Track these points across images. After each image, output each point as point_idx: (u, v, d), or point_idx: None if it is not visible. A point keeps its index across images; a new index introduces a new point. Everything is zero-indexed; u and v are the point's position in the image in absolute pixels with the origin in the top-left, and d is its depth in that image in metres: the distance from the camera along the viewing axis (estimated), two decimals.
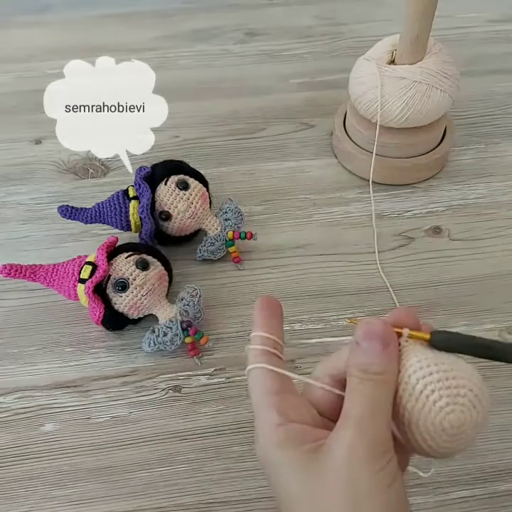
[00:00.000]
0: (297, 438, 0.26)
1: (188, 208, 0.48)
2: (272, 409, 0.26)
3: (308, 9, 0.77)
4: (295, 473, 0.25)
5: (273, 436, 0.26)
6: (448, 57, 0.51)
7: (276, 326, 0.29)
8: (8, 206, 0.56)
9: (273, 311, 0.29)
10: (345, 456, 0.24)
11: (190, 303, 0.44)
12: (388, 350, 0.26)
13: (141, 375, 0.44)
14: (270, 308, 0.29)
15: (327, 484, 0.24)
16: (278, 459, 0.26)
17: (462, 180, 0.56)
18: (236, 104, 0.64)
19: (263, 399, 0.27)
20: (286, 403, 0.27)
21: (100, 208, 0.49)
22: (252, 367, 0.28)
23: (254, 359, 0.28)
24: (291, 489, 0.25)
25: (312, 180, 0.57)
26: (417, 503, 0.38)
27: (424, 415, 0.24)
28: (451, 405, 0.24)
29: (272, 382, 0.27)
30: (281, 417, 0.26)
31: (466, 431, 0.24)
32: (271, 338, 0.28)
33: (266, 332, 0.28)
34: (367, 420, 0.25)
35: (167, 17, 0.76)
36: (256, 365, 0.27)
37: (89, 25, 0.75)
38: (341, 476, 0.24)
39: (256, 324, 0.29)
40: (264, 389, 0.27)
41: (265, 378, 0.27)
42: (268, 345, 0.28)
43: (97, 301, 0.43)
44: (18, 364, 0.45)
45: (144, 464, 0.40)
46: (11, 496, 0.39)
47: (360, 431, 0.24)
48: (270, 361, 0.27)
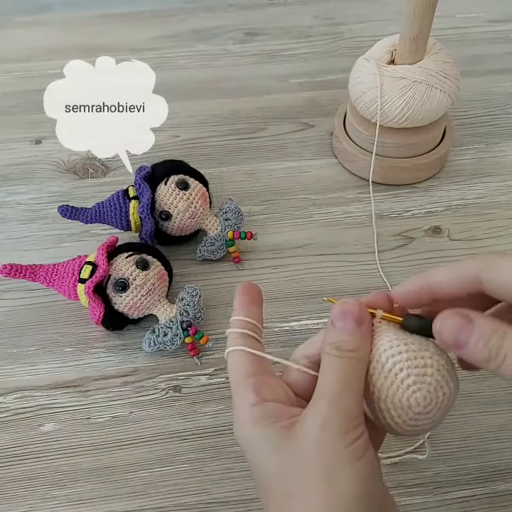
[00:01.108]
0: (272, 416, 0.26)
1: (188, 208, 0.48)
2: (248, 389, 0.27)
3: (308, 9, 0.77)
4: (270, 450, 0.26)
5: (248, 415, 0.26)
6: (448, 57, 0.51)
7: (255, 310, 0.30)
8: (8, 206, 0.56)
9: (253, 296, 0.30)
10: (318, 431, 0.25)
11: (190, 303, 0.44)
12: (362, 329, 0.27)
13: (141, 375, 0.44)
14: (250, 293, 0.30)
15: (301, 459, 0.25)
16: (254, 438, 0.26)
17: (462, 180, 0.56)
18: (236, 104, 0.64)
19: (240, 380, 0.28)
20: (262, 384, 0.27)
21: (100, 207, 0.49)
22: (230, 349, 0.28)
23: (233, 342, 0.29)
24: (267, 466, 0.26)
25: (312, 180, 0.57)
26: (417, 503, 0.38)
27: (392, 392, 0.25)
28: (418, 384, 0.25)
29: (250, 364, 0.28)
30: (256, 396, 0.27)
31: (432, 411, 0.25)
32: (250, 321, 0.29)
33: (245, 316, 0.29)
34: (339, 396, 0.25)
35: (167, 17, 0.76)
36: (234, 348, 0.28)
37: (89, 25, 0.75)
38: (314, 449, 0.25)
39: (236, 309, 0.29)
40: (241, 370, 0.28)
41: (243, 360, 0.28)
42: (247, 328, 0.29)
43: (97, 301, 0.43)
44: (17, 364, 0.45)
45: (144, 464, 0.40)
46: (10, 496, 0.39)
47: (333, 407, 0.25)
48: (249, 344, 0.28)
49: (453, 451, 0.40)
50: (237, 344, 0.28)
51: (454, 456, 0.40)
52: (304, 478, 0.25)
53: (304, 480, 0.25)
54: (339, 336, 0.27)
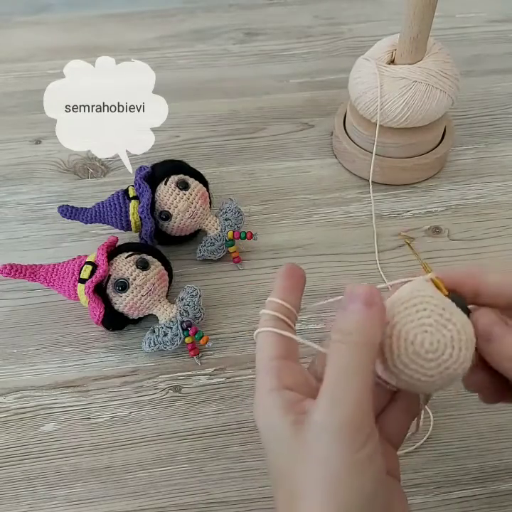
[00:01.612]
0: (286, 406, 0.25)
1: (188, 208, 0.48)
2: (269, 372, 0.26)
3: (308, 9, 0.77)
4: (280, 443, 0.25)
5: (265, 399, 0.25)
6: (448, 57, 0.51)
7: (293, 295, 0.28)
8: (8, 206, 0.56)
9: (295, 280, 0.28)
10: (318, 434, 0.23)
11: (190, 303, 0.44)
12: (371, 311, 0.25)
13: (141, 375, 0.44)
14: (292, 277, 0.28)
15: (304, 461, 0.24)
16: (267, 424, 0.25)
17: (462, 180, 0.56)
18: (236, 104, 0.64)
19: (264, 362, 0.26)
20: (284, 369, 0.26)
21: (100, 207, 0.49)
22: (259, 330, 0.27)
23: (263, 323, 0.27)
24: (277, 459, 0.25)
25: (312, 180, 0.57)
26: (417, 503, 0.38)
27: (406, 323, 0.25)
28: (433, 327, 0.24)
29: (276, 347, 0.26)
30: (277, 381, 0.25)
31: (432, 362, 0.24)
32: (285, 305, 0.27)
33: (281, 299, 0.27)
34: (339, 390, 0.23)
35: (167, 17, 0.76)
36: (263, 329, 0.27)
37: (89, 25, 0.75)
38: (315, 453, 0.23)
39: (274, 290, 0.28)
40: (267, 352, 0.27)
41: (270, 342, 0.27)
42: (281, 311, 0.27)
43: (97, 301, 0.43)
44: (17, 364, 0.45)
45: (144, 464, 0.40)
46: (10, 496, 0.39)
47: (333, 404, 0.23)
48: (279, 327, 0.27)
49: (453, 451, 0.40)
50: (267, 325, 0.27)
51: (454, 456, 0.40)
52: (305, 483, 0.24)
53: (305, 485, 0.24)
54: (345, 319, 0.25)
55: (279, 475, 0.25)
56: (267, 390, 0.25)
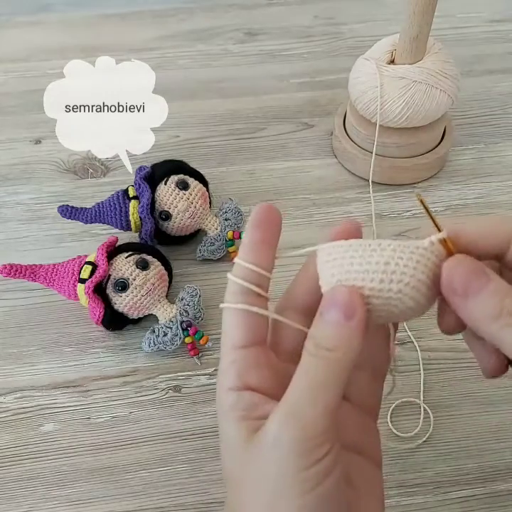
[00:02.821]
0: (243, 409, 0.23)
1: (188, 208, 0.48)
2: (230, 367, 0.23)
3: (308, 9, 0.77)
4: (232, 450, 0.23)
5: (223, 396, 0.23)
6: (448, 57, 0.51)
7: (266, 252, 0.24)
8: (8, 206, 0.56)
9: (267, 231, 0.24)
10: (270, 447, 0.21)
11: (190, 303, 0.44)
12: (350, 324, 0.22)
13: (141, 375, 0.44)
14: (264, 226, 0.24)
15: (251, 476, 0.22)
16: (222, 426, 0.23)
17: (462, 180, 0.56)
18: (236, 104, 0.64)
19: (226, 351, 0.24)
20: (249, 362, 0.23)
21: (100, 207, 0.49)
22: (225, 305, 0.24)
23: (230, 296, 0.24)
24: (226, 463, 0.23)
25: (312, 180, 0.57)
26: (417, 502, 0.38)
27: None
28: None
29: (242, 331, 0.24)
30: (236, 379, 0.23)
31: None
32: (255, 270, 0.24)
33: (251, 262, 0.24)
34: (300, 406, 0.21)
35: (167, 17, 0.76)
36: (228, 305, 0.24)
37: (89, 25, 0.75)
38: (263, 469, 0.21)
39: (243, 246, 0.24)
40: (230, 338, 0.24)
41: (236, 323, 0.24)
42: (250, 279, 0.24)
43: (97, 301, 0.43)
44: (17, 364, 0.45)
45: (144, 464, 0.40)
46: (10, 496, 0.39)
47: (289, 419, 0.21)
48: (247, 300, 0.24)
49: (453, 451, 0.40)
50: (234, 300, 0.24)
51: (454, 456, 0.40)
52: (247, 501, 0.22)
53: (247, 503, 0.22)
54: (321, 330, 0.22)
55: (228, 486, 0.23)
56: (226, 389, 0.23)
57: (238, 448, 0.22)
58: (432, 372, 0.43)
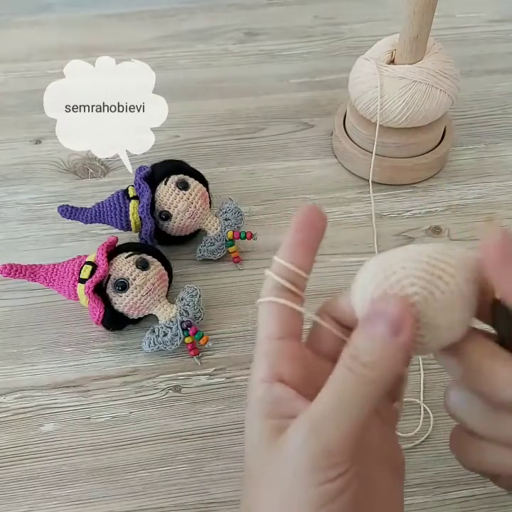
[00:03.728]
0: (271, 403, 0.22)
1: (188, 208, 0.48)
2: (264, 357, 0.23)
3: (308, 9, 0.77)
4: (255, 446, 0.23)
5: (253, 389, 0.23)
6: (448, 57, 0.51)
7: (305, 253, 0.24)
8: (8, 206, 0.56)
9: (310, 233, 0.24)
10: (289, 456, 0.21)
11: (190, 303, 0.44)
12: (396, 340, 0.20)
13: (141, 375, 0.44)
14: (308, 228, 0.24)
15: (271, 475, 0.22)
16: (249, 420, 0.23)
17: (462, 180, 0.56)
18: (236, 104, 0.64)
19: (261, 342, 0.24)
20: (283, 353, 0.23)
21: (100, 207, 0.49)
22: (261, 300, 0.24)
23: (266, 291, 0.24)
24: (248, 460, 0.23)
25: (312, 180, 0.57)
26: (417, 502, 0.38)
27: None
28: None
29: (277, 324, 0.24)
30: (269, 370, 0.23)
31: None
32: (293, 269, 0.24)
33: (290, 261, 0.24)
34: (325, 422, 0.20)
35: (167, 17, 0.76)
36: (265, 299, 0.24)
37: (89, 25, 0.75)
38: (282, 474, 0.21)
39: (283, 245, 0.24)
40: (265, 330, 0.24)
41: (271, 316, 0.24)
42: (287, 277, 0.24)
43: (97, 301, 0.43)
44: (17, 364, 0.45)
45: (144, 464, 0.40)
46: (10, 496, 0.39)
47: (312, 434, 0.21)
48: (283, 296, 0.24)
49: None
50: (269, 294, 0.24)
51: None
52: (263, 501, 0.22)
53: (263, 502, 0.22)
54: (363, 343, 0.20)
55: (247, 480, 0.23)
56: (258, 380, 0.23)
57: (261, 445, 0.22)
58: (432, 372, 0.43)
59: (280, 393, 0.23)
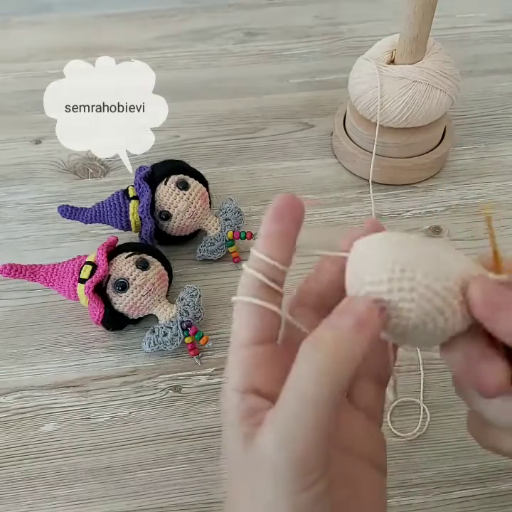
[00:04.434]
0: (243, 414, 0.21)
1: (188, 208, 0.48)
2: (238, 365, 0.22)
3: (308, 9, 0.77)
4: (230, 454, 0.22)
5: (226, 399, 0.22)
6: (448, 57, 0.51)
7: (284, 245, 0.23)
8: (8, 206, 0.56)
9: (288, 225, 0.23)
10: (262, 465, 0.20)
11: (190, 303, 0.44)
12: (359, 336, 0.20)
13: (141, 375, 0.44)
14: (286, 217, 0.23)
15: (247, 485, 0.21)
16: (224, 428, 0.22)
17: (462, 180, 0.56)
18: (236, 104, 0.64)
19: (236, 347, 0.22)
20: (257, 360, 0.22)
21: (100, 207, 0.49)
22: (237, 298, 0.23)
23: (243, 288, 0.23)
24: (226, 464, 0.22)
25: (312, 180, 0.57)
26: (417, 503, 0.38)
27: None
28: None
29: (254, 327, 0.22)
30: (242, 379, 0.22)
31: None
32: (272, 264, 0.23)
33: (268, 255, 0.23)
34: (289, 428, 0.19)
35: (167, 17, 0.76)
36: (241, 298, 0.23)
37: (89, 25, 0.75)
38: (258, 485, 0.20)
39: (261, 238, 0.23)
40: (241, 334, 0.22)
41: (247, 319, 0.22)
42: (266, 272, 0.23)
43: (97, 301, 0.43)
44: (17, 364, 0.45)
45: (144, 464, 0.40)
46: (10, 496, 0.39)
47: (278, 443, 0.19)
48: (261, 295, 0.22)
49: (453, 451, 0.40)
50: (248, 293, 0.23)
51: (454, 456, 0.40)
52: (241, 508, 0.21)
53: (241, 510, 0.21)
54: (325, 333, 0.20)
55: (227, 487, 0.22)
56: (230, 389, 0.22)
57: (235, 454, 0.21)
58: (432, 372, 0.43)
59: (253, 403, 0.22)
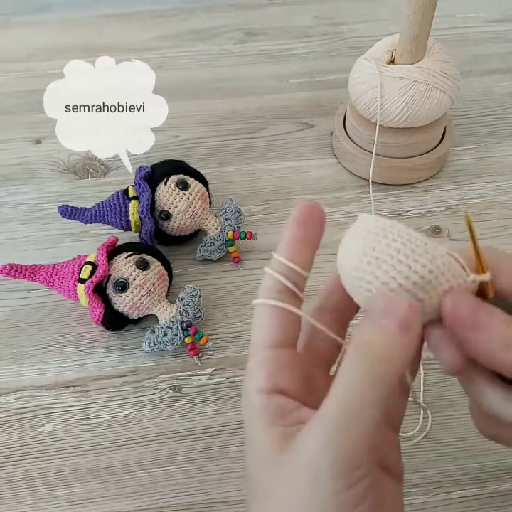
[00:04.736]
0: (272, 416, 0.21)
1: (188, 208, 0.48)
2: (261, 366, 0.22)
3: (308, 9, 0.77)
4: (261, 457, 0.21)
5: (252, 400, 0.22)
6: (448, 57, 0.51)
7: (306, 251, 0.23)
8: (8, 206, 0.56)
9: (310, 229, 0.24)
10: (309, 465, 0.20)
11: (190, 303, 0.44)
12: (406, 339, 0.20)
13: (141, 375, 0.44)
14: (308, 224, 0.23)
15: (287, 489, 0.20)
16: (250, 431, 0.22)
17: (462, 180, 0.56)
18: (236, 103, 0.64)
19: (257, 349, 0.22)
20: (281, 363, 0.22)
21: (100, 207, 0.49)
22: (258, 301, 0.23)
23: (264, 291, 0.23)
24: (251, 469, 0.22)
25: (312, 180, 0.57)
26: (417, 503, 0.38)
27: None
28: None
29: (275, 329, 0.22)
30: (267, 381, 0.22)
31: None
32: (294, 268, 0.23)
33: (290, 259, 0.23)
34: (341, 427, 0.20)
35: (167, 17, 0.76)
36: (264, 301, 0.23)
37: (89, 25, 0.75)
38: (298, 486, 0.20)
39: (283, 242, 0.23)
40: (262, 335, 0.23)
41: (269, 321, 0.23)
42: (288, 276, 0.23)
43: (97, 301, 0.43)
44: (17, 364, 0.45)
45: (144, 464, 0.40)
46: (10, 496, 0.39)
47: (328, 441, 0.20)
48: (283, 298, 0.23)
49: (453, 451, 0.40)
50: (269, 296, 0.23)
51: (454, 456, 0.40)
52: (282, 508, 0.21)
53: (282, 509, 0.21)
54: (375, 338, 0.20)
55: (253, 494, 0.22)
56: (255, 390, 0.22)
57: (268, 457, 0.21)
58: (432, 372, 0.43)
59: (282, 404, 0.22)
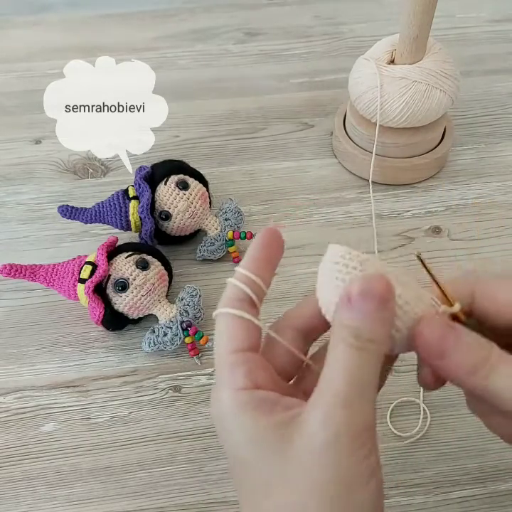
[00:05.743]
0: (264, 405, 0.22)
1: (188, 208, 0.48)
2: (238, 368, 0.23)
3: (308, 9, 0.77)
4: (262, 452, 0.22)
5: (234, 400, 0.22)
6: (448, 57, 0.51)
7: (267, 271, 0.25)
8: (8, 206, 0.56)
9: (273, 251, 0.25)
10: (330, 442, 0.21)
11: (190, 303, 0.44)
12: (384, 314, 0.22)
13: (141, 375, 0.44)
14: (271, 246, 0.25)
15: (303, 471, 0.21)
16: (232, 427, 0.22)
17: (462, 180, 0.56)
18: (236, 104, 0.64)
19: (226, 355, 0.23)
20: (254, 362, 0.23)
21: (100, 207, 0.49)
22: (223, 310, 0.24)
23: (228, 301, 0.24)
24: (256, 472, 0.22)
25: (312, 180, 0.57)
26: (417, 503, 0.38)
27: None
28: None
29: (243, 336, 0.23)
30: (247, 378, 0.23)
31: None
32: (256, 282, 0.24)
33: (254, 273, 0.24)
34: (357, 400, 0.21)
35: (167, 17, 0.76)
36: (228, 310, 0.24)
37: (89, 25, 0.75)
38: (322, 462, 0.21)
39: (247, 258, 0.25)
40: (228, 342, 0.23)
41: (236, 328, 0.23)
42: (251, 288, 0.24)
43: (97, 301, 0.43)
44: (17, 364, 0.45)
45: (144, 464, 0.40)
46: (9, 496, 0.39)
47: (350, 413, 0.21)
48: (246, 309, 0.24)
49: (453, 451, 0.40)
50: (232, 305, 0.24)
51: (454, 456, 0.40)
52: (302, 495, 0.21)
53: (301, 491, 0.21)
54: (359, 319, 0.21)
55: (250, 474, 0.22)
56: (233, 390, 0.22)
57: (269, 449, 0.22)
58: None
59: (265, 396, 0.22)
